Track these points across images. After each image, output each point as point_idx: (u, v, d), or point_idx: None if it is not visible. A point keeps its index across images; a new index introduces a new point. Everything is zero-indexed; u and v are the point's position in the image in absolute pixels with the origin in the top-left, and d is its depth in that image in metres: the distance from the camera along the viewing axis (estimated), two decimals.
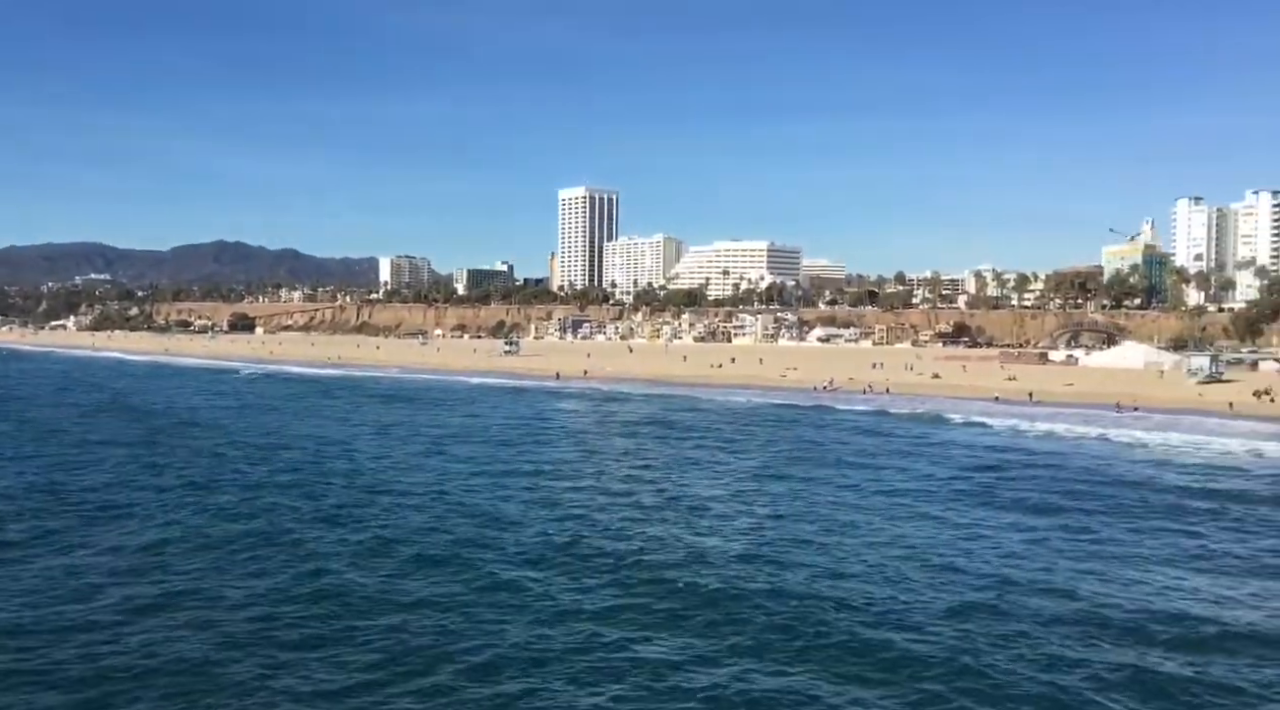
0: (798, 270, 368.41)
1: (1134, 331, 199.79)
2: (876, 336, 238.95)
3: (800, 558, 31.52)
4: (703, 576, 28.96)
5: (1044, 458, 54.76)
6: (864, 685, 21.03)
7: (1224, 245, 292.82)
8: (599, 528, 35.74)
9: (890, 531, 35.65)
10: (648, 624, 24.94)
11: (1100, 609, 26.08)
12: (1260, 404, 78.57)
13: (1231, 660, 22.61)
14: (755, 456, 55.29)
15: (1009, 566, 30.59)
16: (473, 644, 23.20)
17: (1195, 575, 30.15)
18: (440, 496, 41.50)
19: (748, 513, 39.24)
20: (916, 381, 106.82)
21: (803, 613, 25.56)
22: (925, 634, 24.01)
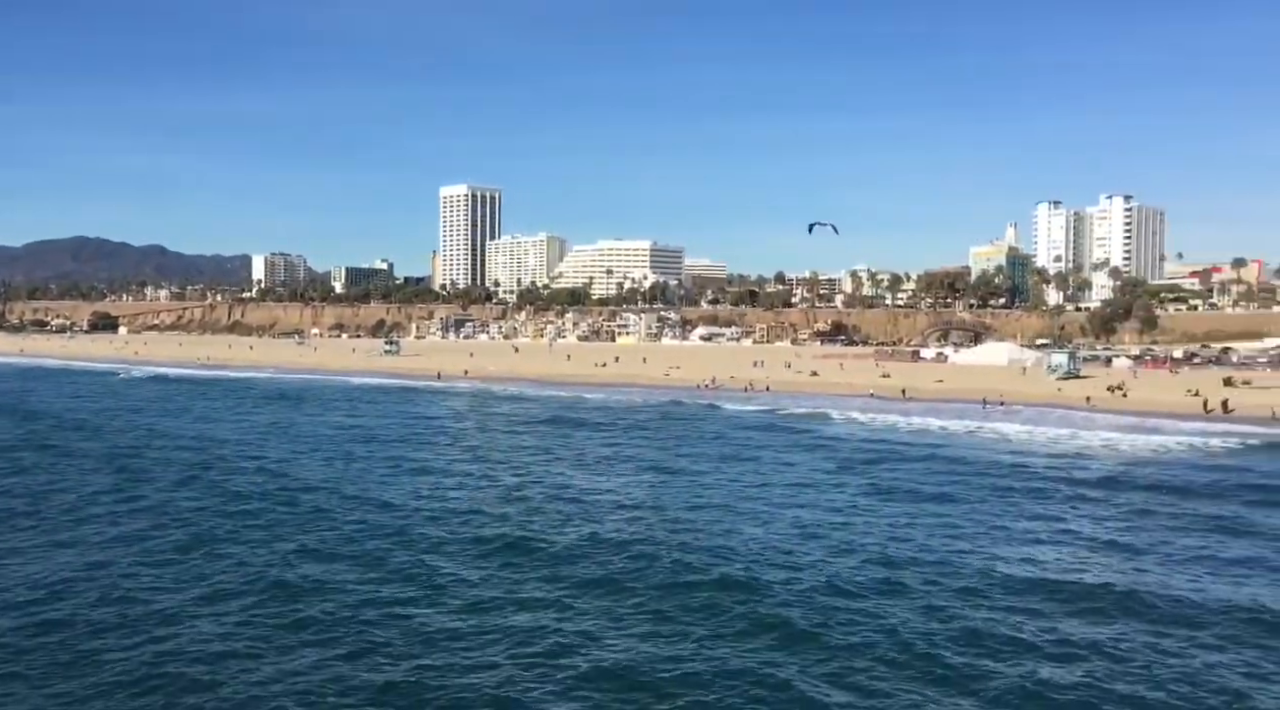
0: (680, 270, 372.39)
1: (999, 330, 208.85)
2: (757, 335, 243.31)
3: (702, 541, 33.00)
4: (611, 560, 30.53)
5: (918, 450, 56.90)
6: (765, 649, 22.83)
7: (1081, 247, 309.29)
8: (507, 522, 36.17)
9: (784, 516, 37.53)
10: (551, 602, 26.31)
11: (970, 577, 28.66)
12: (1114, 398, 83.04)
13: (1081, 617, 25.24)
14: (644, 451, 55.84)
15: (893, 543, 32.99)
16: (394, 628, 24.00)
17: (1054, 548, 33.20)
18: (337, 492, 41.52)
19: (645, 502, 40.47)
20: (796, 379, 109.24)
21: (709, 589, 27.30)
22: (815, 603, 26.21)
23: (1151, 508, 40.14)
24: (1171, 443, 59.92)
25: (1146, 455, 55.47)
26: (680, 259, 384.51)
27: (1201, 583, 28.58)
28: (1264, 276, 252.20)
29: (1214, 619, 25.09)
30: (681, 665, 21.67)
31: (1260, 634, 23.92)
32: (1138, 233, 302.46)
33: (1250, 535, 35.09)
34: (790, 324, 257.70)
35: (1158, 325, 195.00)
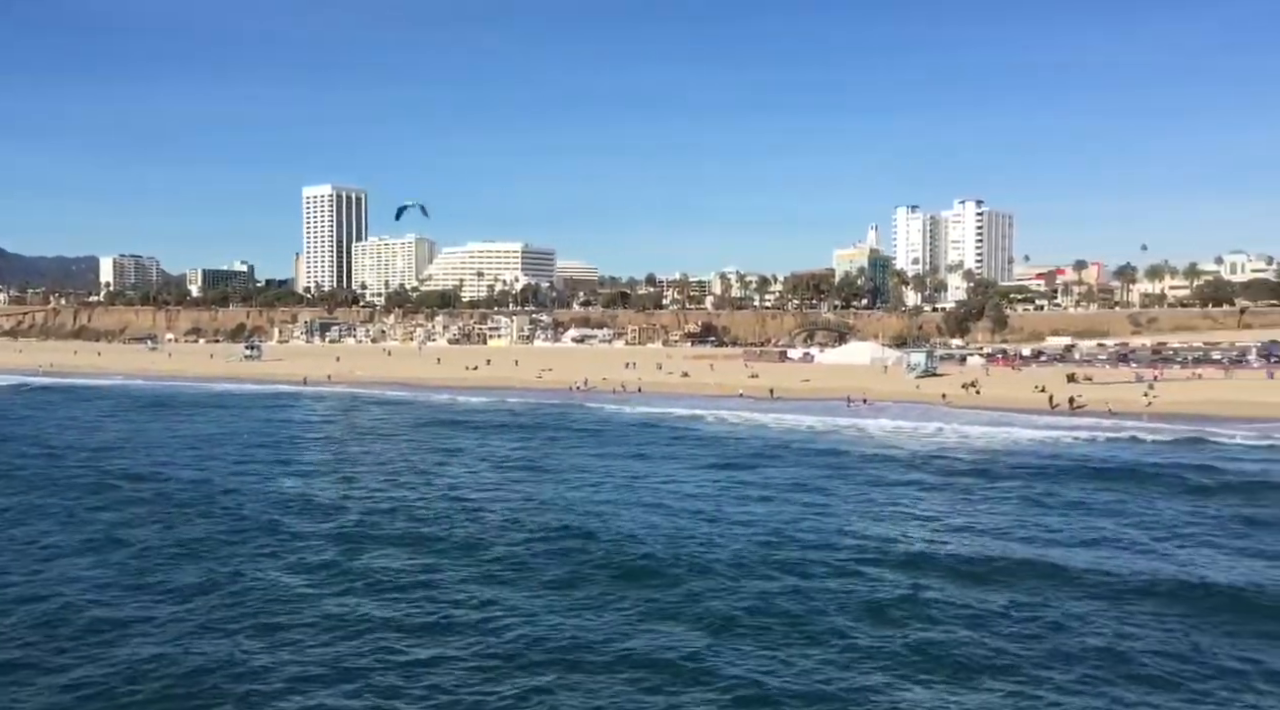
0: (552, 272, 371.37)
1: (862, 330, 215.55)
2: (629, 337, 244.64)
3: (599, 525, 36.10)
4: (504, 542, 33.71)
5: (789, 446, 58.64)
6: (664, 614, 25.70)
7: (937, 250, 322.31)
8: (408, 521, 37.11)
9: (670, 504, 40.55)
10: (457, 580, 28.87)
11: (836, 551, 32.17)
12: (968, 395, 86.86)
13: (941, 581, 28.69)
14: (524, 451, 55.71)
15: (773, 526, 36.04)
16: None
17: (915, 525, 36.86)
18: (210, 491, 40.38)
19: (535, 498, 41.87)
20: (668, 380, 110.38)
21: (612, 561, 30.79)
22: (709, 570, 29.87)
23: (1002, 491, 43.44)
24: (1022, 435, 63.09)
25: (999, 447, 58.32)
26: (552, 261, 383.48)
27: (1051, 552, 32.04)
28: (1103, 278, 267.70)
29: (1067, 580, 28.40)
30: (596, 632, 24.08)
31: (1116, 593, 27.15)
32: (988, 236, 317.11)
33: (1094, 513, 38.54)
34: (662, 325, 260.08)
35: (1008, 324, 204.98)
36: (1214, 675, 21.15)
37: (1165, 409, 74.26)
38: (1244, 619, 24.68)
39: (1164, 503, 40.48)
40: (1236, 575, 28.87)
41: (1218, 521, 36.83)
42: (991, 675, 21.26)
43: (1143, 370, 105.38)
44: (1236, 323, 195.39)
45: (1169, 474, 46.91)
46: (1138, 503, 40.47)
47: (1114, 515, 37.99)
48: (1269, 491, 42.33)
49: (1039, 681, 20.83)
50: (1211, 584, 27.77)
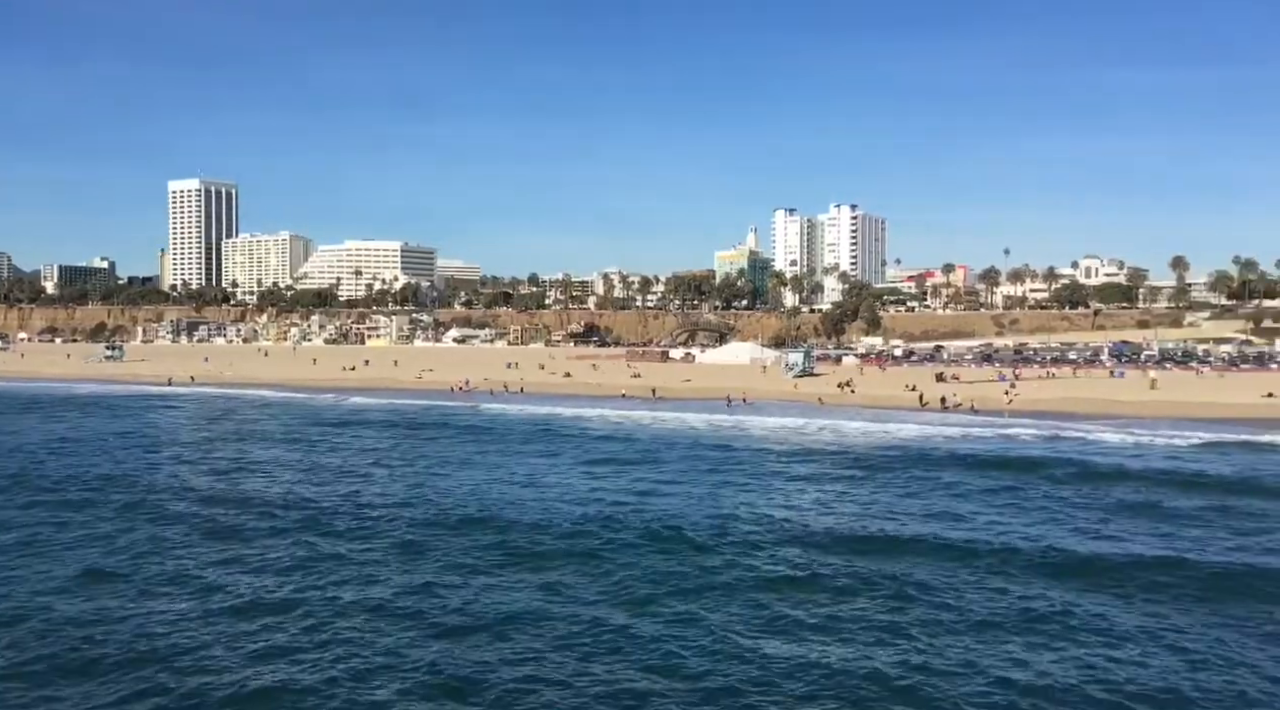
0: (433, 271, 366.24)
1: (742, 330, 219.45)
2: (511, 337, 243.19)
3: (506, 513, 37.92)
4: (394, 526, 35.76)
5: (673, 443, 59.53)
6: (530, 572, 28.98)
7: (814, 252, 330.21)
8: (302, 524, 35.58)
9: (564, 495, 41.99)
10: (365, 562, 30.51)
11: (714, 529, 35.06)
12: (843, 394, 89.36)
13: (822, 553, 31.52)
14: (403, 448, 54.51)
15: (670, 513, 37.98)
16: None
17: (802, 509, 39.39)
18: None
19: (426, 495, 41.57)
20: (550, 380, 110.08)
21: (503, 541, 32.98)
22: (614, 549, 32.11)
23: (880, 480, 46.09)
24: (896, 430, 65.24)
25: (875, 442, 60.13)
26: (432, 260, 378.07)
27: (925, 529, 35.18)
28: (969, 281, 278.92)
29: (939, 552, 31.43)
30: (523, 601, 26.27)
31: (985, 561, 30.04)
32: (863, 240, 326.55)
33: (966, 496, 41.53)
34: (544, 325, 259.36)
35: (881, 325, 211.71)
36: (1064, 625, 24.15)
37: (1025, 406, 77.87)
38: (1092, 581, 27.97)
39: (1025, 488, 43.05)
40: (1088, 547, 31.99)
41: (1074, 504, 39.58)
42: (866, 631, 23.75)
43: (1005, 369, 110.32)
44: (1090, 324, 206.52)
45: (1030, 463, 49.91)
46: (1001, 488, 43.30)
47: (981, 499, 40.76)
48: (1118, 480, 44.93)
49: (910, 637, 23.31)
50: (1067, 551, 31.16)
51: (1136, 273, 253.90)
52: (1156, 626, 23.97)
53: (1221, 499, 39.97)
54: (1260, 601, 25.90)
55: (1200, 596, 26.32)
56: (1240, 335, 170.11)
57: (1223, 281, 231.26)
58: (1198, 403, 75.60)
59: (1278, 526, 35.46)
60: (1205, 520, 36.19)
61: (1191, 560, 29.87)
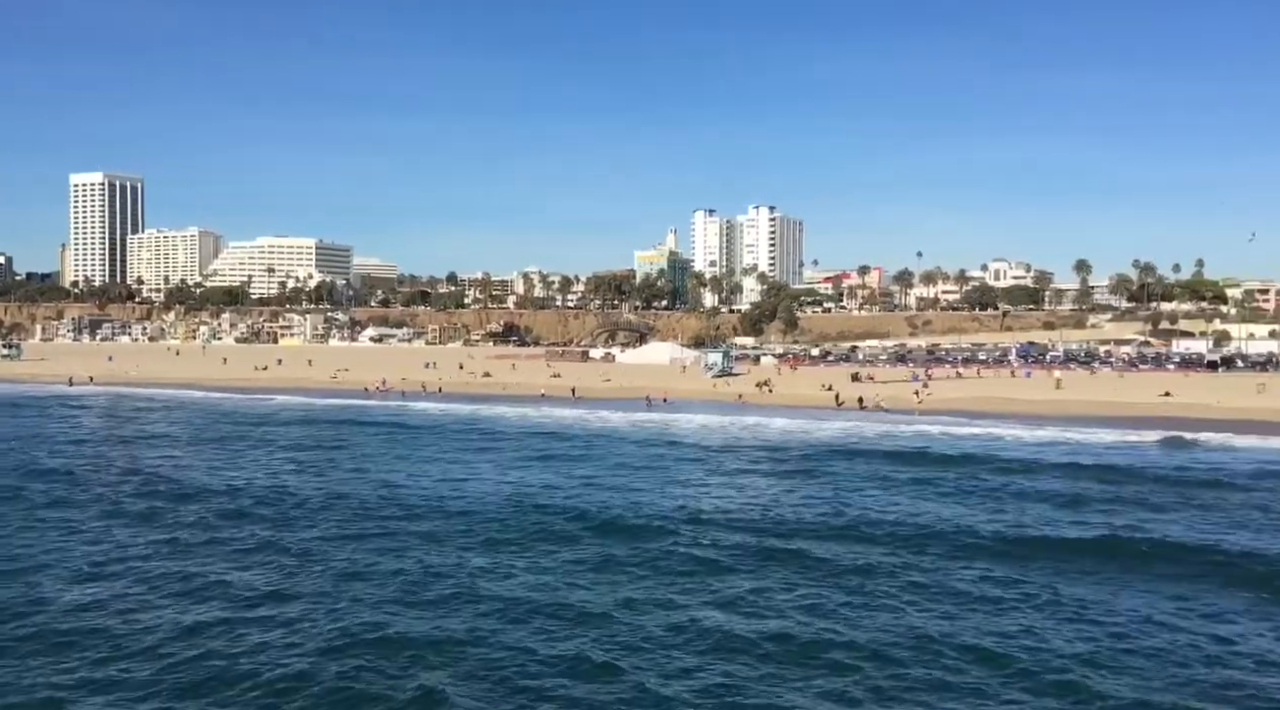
0: (349, 269, 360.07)
1: (662, 330, 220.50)
2: (430, 336, 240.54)
3: (429, 507, 38.55)
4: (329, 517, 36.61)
5: (590, 443, 59.56)
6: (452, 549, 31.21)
7: (733, 253, 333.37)
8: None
9: (491, 489, 42.97)
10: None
11: (660, 517, 36.38)
12: (761, 394, 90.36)
13: (721, 531, 34.21)
14: (319, 446, 53.54)
15: (586, 502, 39.56)
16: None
17: (718, 500, 40.78)
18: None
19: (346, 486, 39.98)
20: (470, 380, 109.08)
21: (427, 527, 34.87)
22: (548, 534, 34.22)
23: (807, 470, 48.34)
24: (812, 427, 66.20)
25: (794, 439, 60.97)
26: (348, 258, 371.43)
27: (846, 512, 37.76)
28: (884, 283, 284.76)
29: (859, 532, 33.93)
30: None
31: (900, 539, 32.64)
32: (781, 241, 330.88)
33: (887, 486, 43.29)
34: (463, 325, 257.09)
35: (798, 326, 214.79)
36: (969, 594, 26.35)
37: (937, 406, 79.69)
38: (1000, 557, 30.34)
39: (940, 480, 45.12)
40: (994, 527, 34.76)
41: (985, 493, 41.82)
42: (795, 603, 25.61)
43: (918, 369, 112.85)
44: (999, 325, 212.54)
45: (944, 458, 52.08)
46: (919, 479, 45.52)
47: (900, 489, 42.91)
48: (1025, 472, 46.94)
49: (831, 609, 25.22)
50: (980, 532, 33.85)
51: (1043, 276, 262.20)
52: (1067, 594, 26.13)
53: (1118, 488, 42.19)
54: (1157, 572, 28.37)
55: (1098, 568, 28.87)
56: (1139, 337, 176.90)
57: (1123, 284, 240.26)
58: (1099, 402, 78.27)
59: (1167, 509, 37.95)
60: (1107, 506, 38.53)
61: (1088, 538, 32.65)
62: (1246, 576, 27.47)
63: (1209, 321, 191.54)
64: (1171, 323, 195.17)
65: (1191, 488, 42.29)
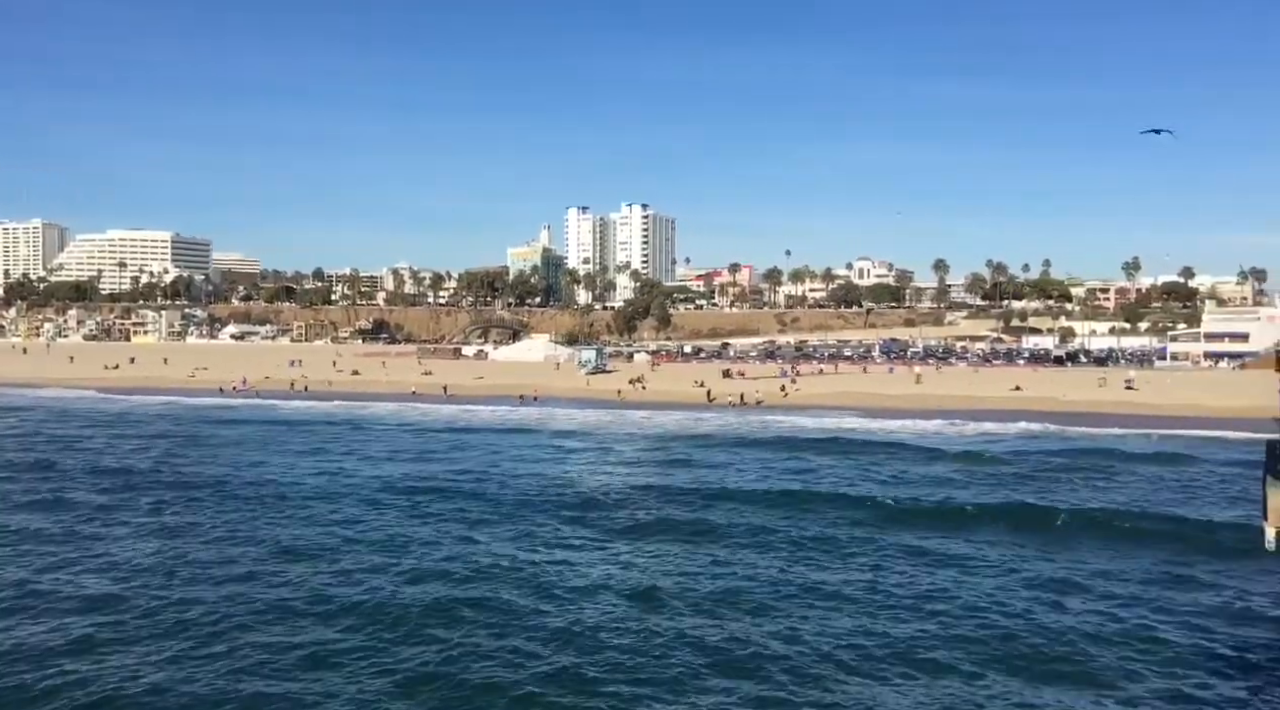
0: (208, 264, 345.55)
1: (536, 327, 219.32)
2: (295, 333, 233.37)
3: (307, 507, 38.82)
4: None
5: (459, 434, 59.76)
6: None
7: (607, 250, 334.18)
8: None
9: (373, 486, 43.61)
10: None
11: (538, 502, 40.01)
12: (635, 391, 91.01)
13: (668, 505, 39.08)
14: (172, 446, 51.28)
15: (432, 476, 43.30)
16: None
17: (606, 478, 44.54)
18: None
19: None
20: (338, 378, 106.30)
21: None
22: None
23: (691, 455, 52.00)
24: (685, 420, 67.21)
25: (674, 430, 61.88)
26: (208, 252, 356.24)
27: (726, 483, 43.58)
28: (754, 281, 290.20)
29: (740, 498, 40.45)
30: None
31: (771, 502, 39.35)
32: (654, 239, 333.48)
33: (767, 466, 47.67)
34: (330, 322, 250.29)
35: (671, 323, 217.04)
36: (845, 547, 32.24)
37: (804, 400, 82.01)
38: (871, 518, 36.56)
39: (813, 462, 50.42)
40: (859, 492, 41.97)
41: (849, 470, 48.14)
42: (686, 558, 30.78)
43: (786, 365, 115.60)
44: (864, 322, 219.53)
45: (813, 443, 57.14)
46: (791, 459, 50.87)
47: (775, 467, 48.11)
48: (882, 452, 52.14)
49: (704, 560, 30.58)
50: (850, 497, 40.44)
51: (904, 274, 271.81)
52: (916, 543, 32.35)
53: (966, 465, 48.96)
54: (1004, 532, 34.24)
55: (947, 527, 34.82)
56: (993, 333, 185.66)
57: (977, 283, 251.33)
58: (955, 395, 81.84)
59: (1009, 484, 43.87)
60: (960, 481, 44.77)
61: (942, 504, 39.15)
62: (1063, 529, 34.54)
63: (1055, 319, 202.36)
64: (1022, 320, 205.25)
65: (1028, 466, 48.30)
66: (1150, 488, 42.80)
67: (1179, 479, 44.98)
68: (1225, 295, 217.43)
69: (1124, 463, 49.82)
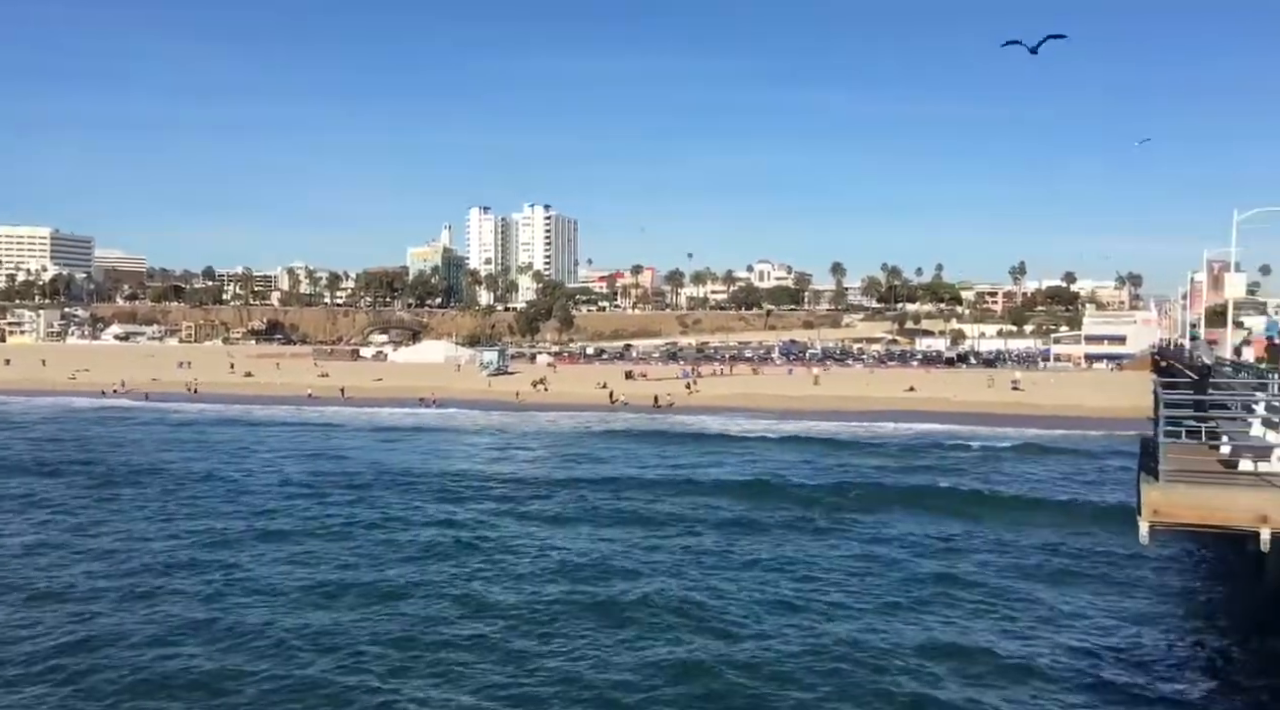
0: (90, 262, 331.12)
1: (436, 328, 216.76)
2: (184, 334, 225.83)
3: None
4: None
5: (362, 437, 59.13)
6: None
7: (509, 251, 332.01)
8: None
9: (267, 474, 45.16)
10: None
11: (450, 490, 42.60)
12: (537, 392, 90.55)
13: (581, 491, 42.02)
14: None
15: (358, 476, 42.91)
16: None
17: (508, 463, 48.01)
18: None
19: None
20: (229, 381, 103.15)
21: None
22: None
23: (594, 449, 52.77)
24: (589, 419, 67.25)
25: (577, 428, 61.92)
26: (90, 249, 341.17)
27: (627, 472, 46.75)
28: (656, 282, 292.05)
29: (638, 484, 43.44)
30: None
31: (676, 488, 42.68)
32: (556, 239, 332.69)
33: (674, 458, 50.26)
34: (222, 322, 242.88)
35: (574, 324, 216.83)
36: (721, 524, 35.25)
37: (706, 402, 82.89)
38: (751, 500, 39.66)
39: (718, 453, 53.95)
40: (748, 474, 46.12)
41: (751, 459, 51.67)
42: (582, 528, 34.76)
43: (688, 367, 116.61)
44: (764, 324, 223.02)
45: (715, 437, 60.58)
46: (702, 452, 54.55)
47: (680, 458, 51.92)
48: (775, 446, 54.65)
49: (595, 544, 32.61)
50: (733, 481, 44.39)
51: (802, 277, 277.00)
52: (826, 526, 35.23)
53: (854, 456, 53.06)
54: (899, 513, 37.33)
55: (856, 509, 37.88)
56: (888, 335, 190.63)
57: (873, 286, 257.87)
58: (852, 396, 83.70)
59: (898, 473, 46.20)
60: (848, 466, 49.36)
61: (826, 485, 42.94)
62: (955, 510, 37.65)
63: (947, 321, 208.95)
64: (915, 322, 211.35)
65: (919, 459, 51.88)
66: (1035, 479, 45.25)
67: (1061, 472, 47.36)
68: (1104, 299, 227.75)
69: (1011, 458, 52.11)
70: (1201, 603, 25.72)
